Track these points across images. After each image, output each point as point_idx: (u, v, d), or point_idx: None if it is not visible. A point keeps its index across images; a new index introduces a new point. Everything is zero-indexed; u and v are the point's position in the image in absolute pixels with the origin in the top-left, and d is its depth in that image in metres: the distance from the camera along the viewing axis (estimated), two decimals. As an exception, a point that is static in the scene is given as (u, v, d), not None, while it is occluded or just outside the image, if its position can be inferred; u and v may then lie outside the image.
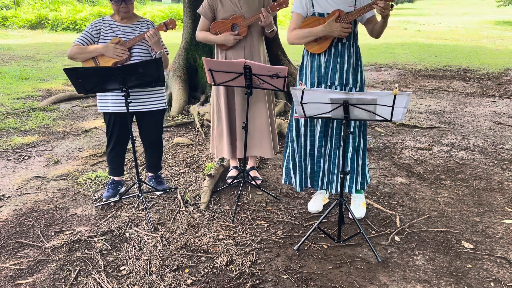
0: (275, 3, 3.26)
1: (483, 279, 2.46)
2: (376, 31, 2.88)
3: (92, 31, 3.15)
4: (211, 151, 3.70)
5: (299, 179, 3.12)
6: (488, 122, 5.49)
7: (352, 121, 2.92)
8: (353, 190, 3.04)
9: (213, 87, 3.53)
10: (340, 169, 3.01)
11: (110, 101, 3.22)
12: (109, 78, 2.90)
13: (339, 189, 3.05)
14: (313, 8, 2.89)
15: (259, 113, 3.49)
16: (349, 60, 2.91)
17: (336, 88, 2.92)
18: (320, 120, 2.96)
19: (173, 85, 5.92)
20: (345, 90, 2.92)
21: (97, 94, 3.21)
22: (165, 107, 3.38)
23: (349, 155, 2.98)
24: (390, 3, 2.66)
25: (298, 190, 3.14)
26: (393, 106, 2.39)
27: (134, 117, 3.38)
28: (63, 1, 20.37)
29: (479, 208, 3.27)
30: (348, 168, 2.99)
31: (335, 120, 2.93)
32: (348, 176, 3.01)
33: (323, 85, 2.94)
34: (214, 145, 3.65)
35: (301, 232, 2.96)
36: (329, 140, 3.00)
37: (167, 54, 3.29)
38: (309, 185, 3.14)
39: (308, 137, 3.04)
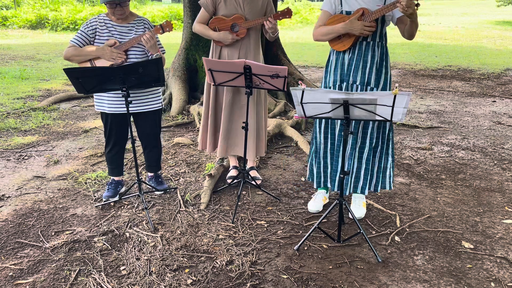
0: (279, 12, 3.26)
1: (483, 279, 2.46)
2: (407, 32, 2.80)
3: (88, 31, 3.13)
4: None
5: (317, 176, 3.12)
6: (488, 122, 5.49)
7: (371, 122, 2.90)
8: (366, 191, 3.02)
9: (205, 83, 3.53)
10: (352, 169, 3.00)
11: (106, 102, 3.21)
12: (109, 78, 2.89)
13: (356, 191, 3.03)
14: (341, 6, 2.88)
15: (244, 113, 3.48)
16: (372, 59, 2.87)
17: (357, 87, 2.90)
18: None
19: (173, 85, 5.92)
20: (366, 89, 2.90)
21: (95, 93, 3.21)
22: (161, 107, 3.39)
23: (365, 155, 2.96)
24: (416, 1, 2.58)
25: (315, 186, 3.15)
26: (393, 106, 2.40)
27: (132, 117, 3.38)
28: (63, 1, 20.36)
29: (479, 208, 3.27)
30: (363, 169, 2.98)
31: (353, 120, 2.91)
32: (362, 177, 2.99)
33: (345, 83, 2.93)
34: (199, 137, 3.69)
35: (301, 232, 2.96)
36: (348, 140, 2.98)
37: (164, 53, 3.28)
38: (328, 185, 3.11)
39: (329, 135, 3.02)
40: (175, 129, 5.23)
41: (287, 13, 3.28)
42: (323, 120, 3.01)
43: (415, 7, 2.59)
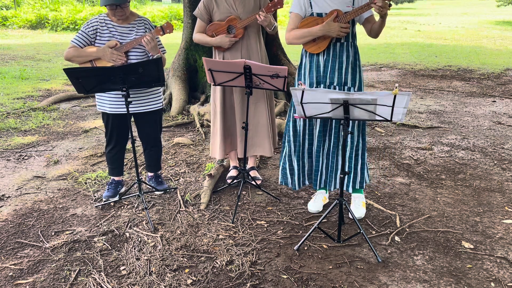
0: (270, 4, 3.25)
1: (483, 279, 2.46)
2: (374, 31, 2.89)
3: (88, 31, 3.13)
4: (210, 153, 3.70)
5: (297, 177, 3.13)
6: (488, 122, 5.49)
7: (351, 121, 2.93)
8: (350, 189, 3.05)
9: (211, 86, 3.53)
10: (340, 168, 3.02)
11: (107, 102, 3.22)
12: (109, 78, 2.89)
13: (337, 186, 3.06)
14: (311, 8, 2.90)
15: (260, 112, 3.49)
16: (347, 60, 2.92)
17: (335, 88, 2.94)
18: (318, 120, 2.97)
19: (173, 85, 5.92)
20: (343, 89, 2.94)
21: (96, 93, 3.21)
22: (161, 107, 3.39)
23: (348, 154, 2.99)
24: (388, 2, 2.66)
25: (296, 188, 3.16)
26: (393, 106, 2.40)
27: (132, 117, 3.38)
28: (63, 1, 20.37)
29: (479, 208, 3.27)
30: (347, 168, 3.00)
31: (333, 120, 2.95)
32: (346, 175, 3.02)
33: (322, 85, 2.96)
34: (211, 145, 3.66)
35: (301, 232, 2.96)
36: (327, 140, 3.02)
37: (164, 53, 3.28)
38: (307, 183, 3.16)
39: (307, 136, 3.05)
40: (175, 129, 5.23)
41: (278, 3, 3.26)
42: (301, 121, 3.03)
43: (388, 8, 2.66)
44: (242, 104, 3.46)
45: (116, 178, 3.50)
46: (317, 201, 3.25)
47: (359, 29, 3.23)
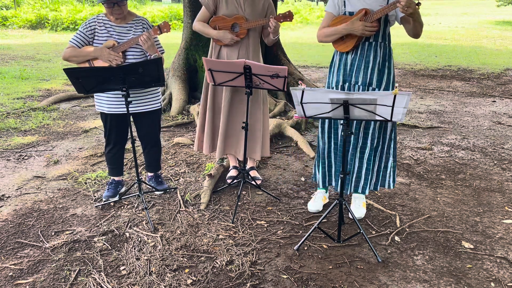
0: (280, 15, 3.26)
1: (483, 279, 2.46)
2: (411, 31, 2.79)
3: (86, 31, 3.13)
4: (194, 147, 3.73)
5: (322, 175, 3.14)
6: (488, 122, 5.49)
7: (372, 122, 2.90)
8: (367, 191, 3.03)
9: (204, 83, 3.53)
10: (353, 169, 3.00)
11: (105, 102, 3.22)
12: (109, 78, 2.89)
13: (358, 191, 3.04)
14: (345, 7, 2.87)
15: (243, 114, 3.48)
16: (374, 60, 2.86)
17: (359, 88, 2.90)
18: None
19: (173, 85, 5.92)
20: (367, 90, 2.89)
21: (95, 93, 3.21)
22: (160, 107, 3.39)
23: (366, 156, 2.97)
24: (416, 1, 2.56)
25: (321, 186, 3.18)
26: (393, 106, 2.40)
27: (132, 117, 3.38)
28: (63, 1, 20.36)
29: (479, 208, 3.27)
30: (364, 169, 2.98)
31: (354, 121, 2.92)
32: (363, 177, 3.00)
33: (347, 84, 2.93)
34: (196, 137, 3.69)
35: (301, 232, 2.96)
36: (348, 140, 2.99)
37: (162, 53, 3.27)
38: (333, 183, 3.13)
39: (332, 135, 3.04)
40: (175, 129, 5.23)
41: (288, 16, 3.28)
42: (326, 120, 3.02)
43: (416, 6, 2.57)
44: (230, 103, 3.44)
45: (116, 178, 3.50)
46: (317, 201, 3.25)
47: (399, 30, 3.09)
